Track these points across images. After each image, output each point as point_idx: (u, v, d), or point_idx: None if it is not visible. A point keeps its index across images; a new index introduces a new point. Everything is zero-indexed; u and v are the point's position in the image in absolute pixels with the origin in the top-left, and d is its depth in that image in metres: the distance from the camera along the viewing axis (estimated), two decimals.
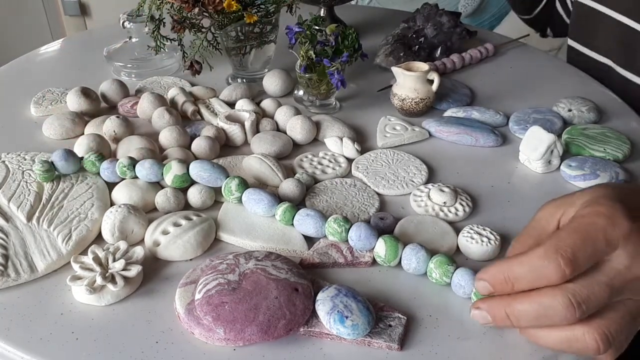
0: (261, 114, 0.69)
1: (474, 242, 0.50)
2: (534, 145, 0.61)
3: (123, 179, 0.57)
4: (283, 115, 0.67)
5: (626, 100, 0.77)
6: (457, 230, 0.52)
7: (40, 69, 0.87)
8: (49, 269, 0.48)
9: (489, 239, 0.50)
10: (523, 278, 0.38)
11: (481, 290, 0.40)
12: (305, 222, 0.51)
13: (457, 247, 0.51)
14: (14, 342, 0.42)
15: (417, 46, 0.85)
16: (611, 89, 0.80)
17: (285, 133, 0.66)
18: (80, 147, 0.60)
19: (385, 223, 0.53)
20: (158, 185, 0.57)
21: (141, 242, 0.52)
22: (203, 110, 0.71)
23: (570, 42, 0.91)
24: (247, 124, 0.66)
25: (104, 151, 0.61)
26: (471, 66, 0.87)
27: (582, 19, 0.89)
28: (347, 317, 0.41)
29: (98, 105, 0.71)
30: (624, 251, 0.38)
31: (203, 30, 0.72)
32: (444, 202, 0.56)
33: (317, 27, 0.69)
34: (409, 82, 0.70)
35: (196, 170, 0.55)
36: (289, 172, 0.61)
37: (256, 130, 0.67)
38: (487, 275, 0.40)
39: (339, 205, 0.56)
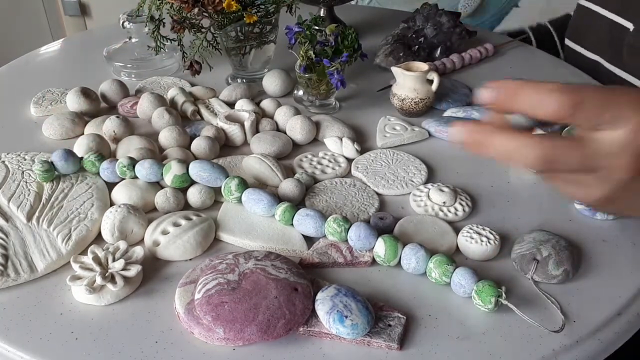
0: (261, 114, 0.69)
1: (474, 242, 0.50)
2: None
3: (123, 179, 0.57)
4: (283, 115, 0.67)
5: None
6: (457, 230, 0.52)
7: (40, 69, 0.87)
8: (48, 269, 0.49)
9: (488, 238, 0.50)
10: (497, 152, 0.38)
11: (452, 135, 0.40)
12: (305, 222, 0.51)
13: (457, 246, 0.51)
14: (14, 341, 0.43)
15: (416, 46, 0.85)
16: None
17: (285, 133, 0.66)
18: (80, 147, 0.60)
19: (385, 223, 0.53)
20: (158, 185, 0.57)
21: (141, 242, 0.52)
22: (203, 111, 0.71)
23: (567, 42, 0.92)
24: (247, 124, 0.66)
25: (104, 151, 0.61)
26: (471, 66, 0.87)
27: (579, 19, 0.90)
28: (346, 317, 0.41)
29: (98, 106, 0.71)
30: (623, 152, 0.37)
31: (203, 30, 0.72)
32: (444, 202, 0.56)
33: (316, 27, 0.69)
34: (408, 82, 0.70)
35: (196, 170, 0.55)
36: (289, 172, 0.61)
37: (256, 130, 0.67)
38: (467, 133, 0.39)
39: (338, 205, 0.56)
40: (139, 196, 0.55)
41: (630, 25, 0.79)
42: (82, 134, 0.67)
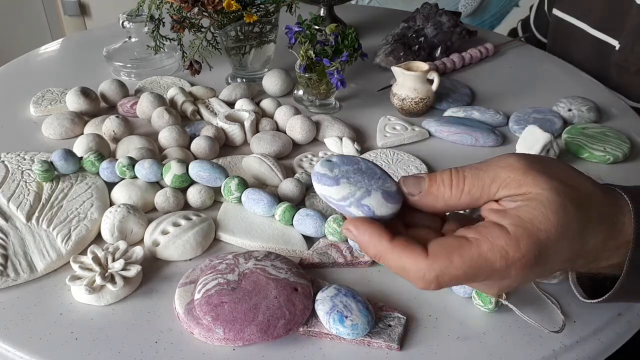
0: (261, 114, 0.69)
1: None
2: (530, 144, 0.61)
3: (122, 179, 0.57)
4: (283, 115, 0.67)
5: None
6: None
7: (40, 69, 0.87)
8: (48, 269, 0.48)
9: None
10: (389, 266, 0.36)
11: (345, 233, 0.37)
12: (305, 222, 0.51)
13: None
14: (14, 341, 0.42)
15: (417, 46, 0.85)
16: None
17: (285, 133, 0.66)
18: (80, 147, 0.60)
19: None
20: (157, 185, 0.57)
21: (140, 242, 0.52)
22: (202, 110, 0.71)
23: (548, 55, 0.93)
24: (247, 124, 0.66)
25: (104, 151, 0.61)
26: (471, 66, 0.87)
27: (559, 33, 0.90)
28: (346, 317, 0.41)
29: (97, 105, 0.71)
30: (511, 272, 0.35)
31: (202, 30, 0.72)
32: None
33: (316, 27, 0.69)
34: (408, 82, 0.70)
35: (195, 170, 0.55)
36: (289, 172, 0.61)
37: (256, 130, 0.67)
38: (360, 238, 0.36)
39: None
40: (139, 196, 0.55)
41: (615, 43, 0.79)
42: (82, 133, 0.67)
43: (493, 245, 0.33)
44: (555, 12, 0.90)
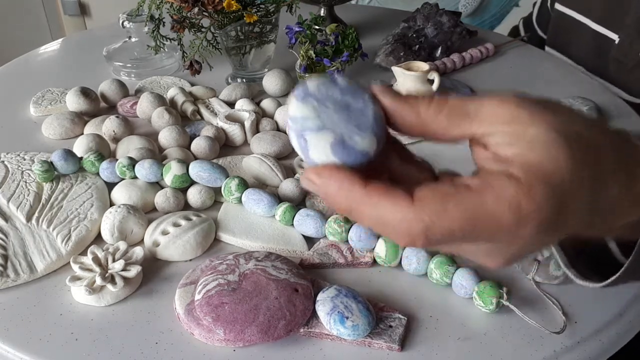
0: (261, 114, 0.69)
1: None
2: None
3: (122, 179, 0.57)
4: (283, 115, 0.67)
5: None
6: None
7: (40, 68, 0.86)
8: (48, 270, 0.48)
9: None
10: (362, 220, 0.29)
11: (305, 184, 0.30)
12: (305, 222, 0.51)
13: None
14: (13, 342, 0.42)
15: (417, 46, 0.85)
16: None
17: (285, 133, 0.66)
18: (80, 147, 0.60)
19: None
20: (157, 185, 0.57)
21: (141, 242, 0.51)
22: (203, 110, 0.71)
23: (548, 49, 0.92)
24: (247, 124, 0.66)
25: (104, 151, 0.61)
26: (471, 66, 0.87)
27: (560, 28, 0.90)
28: (347, 318, 0.41)
29: (97, 105, 0.71)
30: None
31: (203, 30, 0.72)
32: None
33: (317, 27, 0.69)
34: (409, 82, 0.70)
35: (196, 170, 0.55)
36: (289, 172, 0.61)
37: (256, 130, 0.67)
38: (326, 189, 0.29)
39: None
40: (139, 196, 0.55)
41: (615, 37, 0.79)
42: (82, 133, 0.67)
43: (500, 195, 0.26)
44: (558, 6, 0.90)
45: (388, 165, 0.31)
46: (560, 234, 0.29)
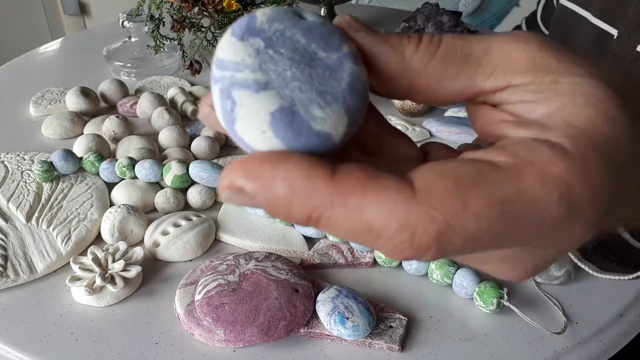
0: None
1: None
2: None
3: (122, 179, 0.57)
4: None
5: None
6: None
7: (40, 68, 0.86)
8: (48, 270, 0.48)
9: None
10: (341, 230, 0.18)
11: (227, 199, 0.20)
12: None
13: None
14: (13, 343, 0.42)
15: None
16: None
17: None
18: (80, 147, 0.60)
19: None
20: (158, 185, 0.57)
21: (141, 242, 0.51)
22: None
23: None
24: None
25: (104, 151, 0.61)
26: None
27: (561, 22, 0.90)
28: (347, 318, 0.41)
29: (97, 105, 0.71)
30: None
31: (203, 29, 0.72)
32: None
33: None
34: None
35: (196, 170, 0.55)
36: None
37: None
38: (269, 197, 0.19)
39: None
40: (139, 196, 0.55)
41: (614, 32, 0.79)
42: (82, 133, 0.66)
43: (544, 174, 0.18)
44: (562, 1, 0.90)
45: (359, 136, 0.21)
46: (603, 227, 0.20)
